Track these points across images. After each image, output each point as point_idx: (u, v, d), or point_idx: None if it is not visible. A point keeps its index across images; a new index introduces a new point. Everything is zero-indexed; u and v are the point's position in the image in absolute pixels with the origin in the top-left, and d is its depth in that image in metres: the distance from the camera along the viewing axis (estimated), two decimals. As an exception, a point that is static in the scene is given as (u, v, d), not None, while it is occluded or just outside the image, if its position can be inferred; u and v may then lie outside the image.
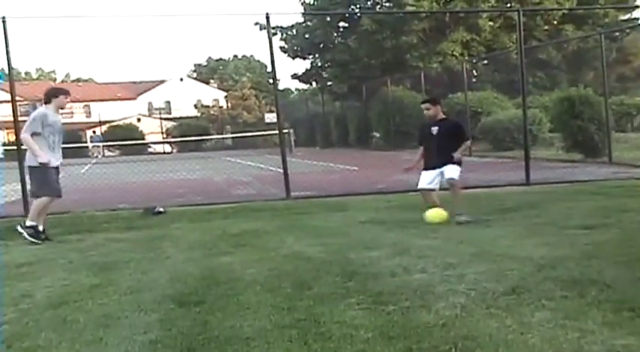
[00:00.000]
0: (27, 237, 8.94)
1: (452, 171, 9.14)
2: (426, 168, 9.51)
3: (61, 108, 9.48)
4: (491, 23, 37.25)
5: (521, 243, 7.09)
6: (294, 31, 43.70)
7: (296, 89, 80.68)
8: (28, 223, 9.03)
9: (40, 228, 9.10)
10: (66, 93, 9.53)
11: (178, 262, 7.02)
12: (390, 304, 4.87)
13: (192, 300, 5.25)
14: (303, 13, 42.66)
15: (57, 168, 9.27)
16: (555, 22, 38.34)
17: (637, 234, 7.37)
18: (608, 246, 6.68)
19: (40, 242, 8.84)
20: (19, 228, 9.11)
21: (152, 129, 63.79)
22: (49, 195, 9.15)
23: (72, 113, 75.28)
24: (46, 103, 9.31)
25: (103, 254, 7.72)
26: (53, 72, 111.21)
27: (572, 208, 9.69)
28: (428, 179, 9.39)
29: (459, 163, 9.21)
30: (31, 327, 4.80)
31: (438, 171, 9.30)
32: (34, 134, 8.99)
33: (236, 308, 4.98)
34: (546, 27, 38.25)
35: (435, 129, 9.44)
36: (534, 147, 19.92)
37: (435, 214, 8.93)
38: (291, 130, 39.62)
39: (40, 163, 8.93)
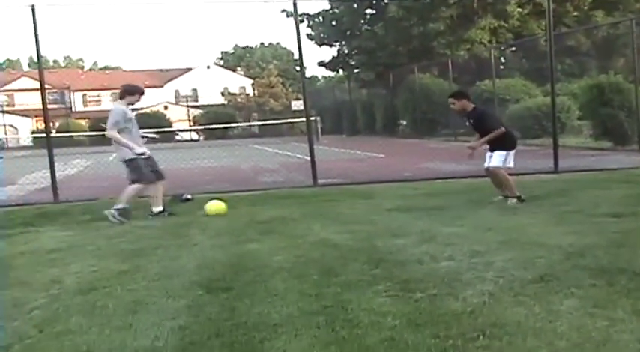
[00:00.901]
0: (115, 218, 9.25)
1: (493, 161, 9.42)
2: (489, 149, 9.63)
3: (132, 105, 9.76)
4: (519, 9, 36.88)
5: (549, 231, 7.05)
6: (321, 18, 43.60)
7: (322, 77, 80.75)
8: (119, 206, 9.38)
9: (159, 209, 9.68)
10: (141, 92, 9.88)
11: (206, 249, 7.05)
12: (417, 291, 4.87)
13: (219, 286, 5.29)
14: (330, 0, 42.52)
15: (150, 156, 9.74)
16: (585, 8, 37.89)
17: (667, 223, 7.29)
18: (637, 235, 6.63)
19: (126, 221, 9.23)
20: (108, 212, 9.39)
21: (179, 117, 64.06)
22: (147, 182, 9.61)
23: (100, 101, 75.97)
24: (121, 98, 9.70)
25: (132, 240, 7.78)
26: (81, 60, 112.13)
27: (600, 196, 9.61)
28: (487, 159, 9.58)
29: (502, 148, 9.35)
30: (61, 312, 4.86)
31: (491, 153, 9.53)
32: (119, 130, 9.38)
33: (264, 295, 5.00)
34: (576, 13, 37.78)
35: (472, 121, 9.69)
36: (563, 135, 19.74)
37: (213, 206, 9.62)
38: (318, 118, 39.51)
39: (138, 154, 9.41)
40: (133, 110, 9.82)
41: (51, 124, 15.18)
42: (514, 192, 9.33)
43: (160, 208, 9.67)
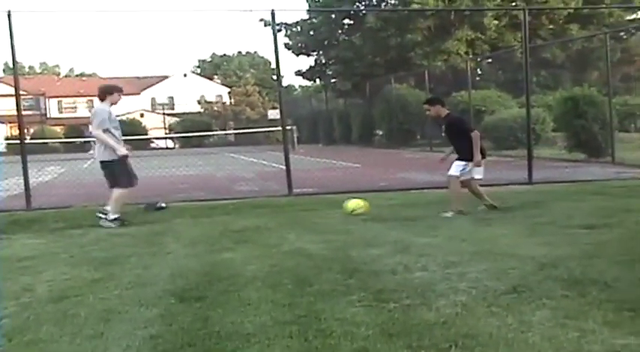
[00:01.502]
0: (115, 226, 9.32)
1: (453, 168, 9.50)
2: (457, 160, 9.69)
3: (114, 104, 9.77)
4: (496, 22, 37.19)
5: (522, 242, 7.09)
6: (299, 27, 43.74)
7: (299, 86, 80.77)
8: (112, 217, 9.40)
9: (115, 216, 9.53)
10: (119, 90, 9.89)
11: (180, 257, 7.02)
12: (390, 301, 4.87)
13: (193, 296, 5.26)
14: (309, 10, 42.65)
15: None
16: (560, 22, 38.28)
17: (639, 235, 7.36)
18: (610, 246, 6.68)
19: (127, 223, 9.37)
20: (104, 222, 9.41)
21: (155, 125, 63.82)
22: (127, 186, 9.60)
23: (75, 108, 75.50)
24: (101, 100, 9.70)
25: (105, 248, 7.72)
26: (57, 66, 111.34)
27: (574, 208, 9.68)
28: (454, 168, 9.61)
29: (464, 159, 9.44)
30: (32, 321, 4.81)
31: (464, 163, 9.52)
32: (104, 131, 9.38)
33: (237, 304, 4.98)
34: (551, 26, 38.18)
35: (443, 127, 9.94)
36: (537, 147, 19.87)
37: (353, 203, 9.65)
38: (294, 127, 39.55)
39: (121, 156, 9.41)
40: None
41: (25, 131, 15.06)
42: (457, 207, 9.36)
43: (119, 216, 9.55)
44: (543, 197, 11.10)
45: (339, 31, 43.74)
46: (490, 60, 39.85)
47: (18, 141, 14.56)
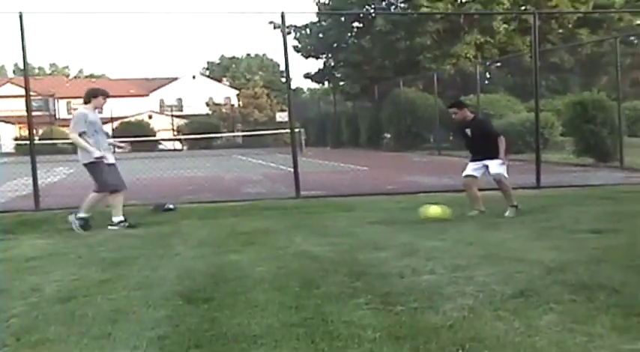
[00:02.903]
0: (76, 228, 9.28)
1: (496, 167, 9.64)
2: (472, 160, 9.95)
3: (99, 108, 9.86)
4: (505, 26, 37.12)
5: (530, 246, 7.08)
6: (308, 30, 43.68)
7: (308, 89, 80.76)
8: (80, 215, 9.40)
9: (119, 219, 9.55)
10: (104, 94, 9.85)
11: (187, 259, 7.04)
12: (397, 304, 4.87)
13: (200, 297, 5.27)
14: (318, 13, 42.64)
15: (113, 164, 9.71)
16: (570, 26, 38.19)
17: (647, 240, 7.34)
18: (618, 251, 6.66)
19: (87, 232, 9.18)
20: (71, 218, 9.43)
21: (163, 127, 63.91)
22: (104, 190, 9.57)
23: (85, 109, 75.62)
24: (85, 103, 9.67)
25: (113, 249, 7.74)
26: (67, 67, 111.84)
27: (582, 212, 9.66)
28: (472, 167, 9.86)
29: (498, 156, 9.67)
30: (40, 321, 4.82)
31: (481, 163, 9.78)
32: (81, 134, 9.36)
33: (244, 306, 4.99)
34: (561, 30, 38.09)
35: (468, 131, 9.91)
36: (545, 151, 19.81)
37: (433, 210, 9.30)
38: (302, 130, 39.54)
39: (96, 158, 9.34)
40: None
41: (34, 131, 15.10)
42: (512, 202, 9.65)
43: (121, 218, 9.58)
44: (551, 201, 11.08)
45: (349, 34, 43.69)
46: (499, 64, 39.78)
47: (27, 142, 14.60)
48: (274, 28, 41.03)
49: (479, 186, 10.04)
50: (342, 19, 42.25)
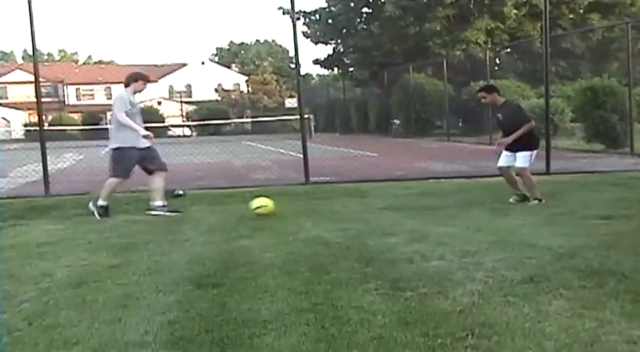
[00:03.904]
0: (97, 215, 9.23)
1: (520, 160, 9.38)
2: (506, 149, 9.60)
3: (139, 92, 9.70)
4: (516, 11, 36.91)
5: (539, 232, 7.07)
6: (318, 16, 43.56)
7: (317, 75, 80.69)
8: (100, 203, 9.32)
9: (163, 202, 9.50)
10: (145, 78, 9.80)
11: (197, 244, 7.06)
12: (407, 290, 4.88)
13: (210, 282, 5.29)
14: (327, -1, 42.54)
15: (149, 147, 9.59)
16: (581, 11, 37.94)
17: (657, 226, 7.32)
18: (627, 237, 6.65)
19: (108, 218, 9.13)
20: (91, 206, 9.36)
21: (172, 113, 63.97)
22: (120, 176, 9.45)
23: (93, 95, 75.82)
24: (126, 86, 9.59)
25: (123, 235, 7.77)
26: (76, 53, 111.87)
27: (592, 198, 9.64)
28: (503, 158, 9.58)
29: (527, 148, 9.35)
30: (51, 306, 4.85)
31: (511, 153, 9.46)
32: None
33: (254, 291, 5.01)
34: (571, 16, 37.83)
35: (500, 116, 9.66)
36: (555, 137, 19.77)
37: (260, 203, 9.07)
38: (312, 116, 39.52)
39: (144, 136, 9.33)
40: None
41: (44, 117, 15.13)
42: (537, 194, 9.39)
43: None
44: (561, 187, 11.06)
45: (358, 20, 43.57)
46: (509, 50, 39.59)
47: (37, 128, 14.64)
48: (283, 13, 41.08)
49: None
50: (352, 4, 42.11)
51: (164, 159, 10.03)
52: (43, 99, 13.79)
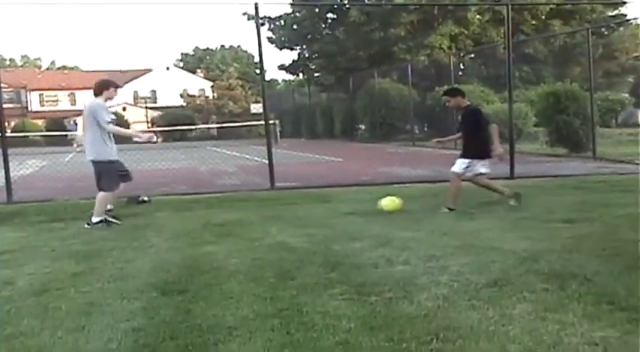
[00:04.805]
0: (105, 227, 8.91)
1: (457, 165, 9.34)
2: (461, 156, 9.52)
3: (110, 100, 9.38)
4: (479, 17, 37.24)
5: (504, 236, 7.13)
6: (282, 21, 43.61)
7: (282, 80, 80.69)
8: (95, 220, 8.91)
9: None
10: (116, 85, 9.54)
11: (162, 251, 7.02)
12: (372, 295, 4.90)
13: (175, 289, 5.27)
14: (292, 4, 42.52)
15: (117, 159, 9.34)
16: (543, 17, 38.39)
17: (618, 229, 7.42)
18: (590, 240, 6.74)
19: (119, 222, 9.01)
20: (88, 226, 8.95)
21: (137, 118, 63.46)
22: (113, 190, 9.18)
23: (57, 101, 75.05)
24: (97, 95, 9.27)
25: (86, 242, 7.70)
26: (39, 59, 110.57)
27: (555, 202, 9.74)
28: (460, 164, 9.41)
29: (468, 156, 9.33)
30: (13, 314, 4.79)
31: (469, 160, 9.36)
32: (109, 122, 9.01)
33: (219, 297, 4.99)
34: (534, 22, 38.25)
35: (459, 118, 9.68)
36: (519, 141, 19.95)
37: (389, 202, 9.21)
38: (277, 121, 39.50)
39: (148, 139, 9.49)
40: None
41: (6, 124, 14.92)
42: (451, 203, 9.24)
43: (103, 218, 9.10)
44: (525, 191, 11.11)
45: (323, 25, 43.68)
46: (473, 55, 39.91)
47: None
48: (248, 19, 40.96)
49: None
50: (316, 10, 42.19)
51: (129, 164, 9.93)
52: (5, 105, 13.60)
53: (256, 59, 23.25)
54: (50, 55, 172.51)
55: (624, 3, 35.10)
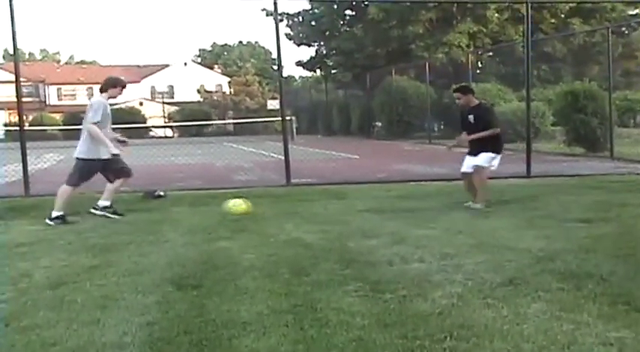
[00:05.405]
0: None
1: (480, 159, 9.33)
2: (468, 154, 9.62)
3: (113, 98, 9.44)
4: (498, 15, 37.08)
5: (519, 235, 7.10)
6: (301, 17, 43.64)
7: (300, 76, 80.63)
8: (54, 214, 8.93)
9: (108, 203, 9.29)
10: (123, 85, 9.55)
11: (177, 246, 7.03)
12: (387, 292, 4.89)
13: (190, 284, 5.28)
14: (311, 0, 42.53)
15: (118, 154, 9.25)
16: (562, 16, 38.18)
17: (635, 229, 7.38)
18: (606, 240, 6.70)
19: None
20: (96, 211, 9.19)
21: (154, 114, 63.70)
22: (73, 185, 9.18)
23: (75, 95, 75.37)
24: (102, 91, 9.36)
25: (103, 236, 7.73)
26: (57, 53, 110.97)
27: (571, 202, 9.70)
28: (466, 164, 9.53)
29: (491, 151, 9.37)
30: (29, 306, 4.82)
31: (475, 157, 9.42)
32: (95, 123, 8.99)
33: (233, 293, 5.00)
34: (553, 20, 38.06)
35: (471, 117, 9.60)
36: (536, 140, 19.89)
37: (235, 205, 9.01)
38: (294, 118, 39.50)
39: (113, 154, 9.03)
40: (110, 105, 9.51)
41: (24, 117, 14.99)
42: (482, 199, 9.26)
43: (109, 203, 9.31)
44: (541, 190, 11.12)
45: (341, 22, 43.65)
46: (491, 53, 39.75)
47: (17, 128, 14.54)
48: (267, 15, 41.11)
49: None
50: (335, 6, 42.14)
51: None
52: (24, 99, 13.68)
53: (274, 55, 23.38)
54: (69, 50, 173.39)
55: (645, 2, 34.90)
